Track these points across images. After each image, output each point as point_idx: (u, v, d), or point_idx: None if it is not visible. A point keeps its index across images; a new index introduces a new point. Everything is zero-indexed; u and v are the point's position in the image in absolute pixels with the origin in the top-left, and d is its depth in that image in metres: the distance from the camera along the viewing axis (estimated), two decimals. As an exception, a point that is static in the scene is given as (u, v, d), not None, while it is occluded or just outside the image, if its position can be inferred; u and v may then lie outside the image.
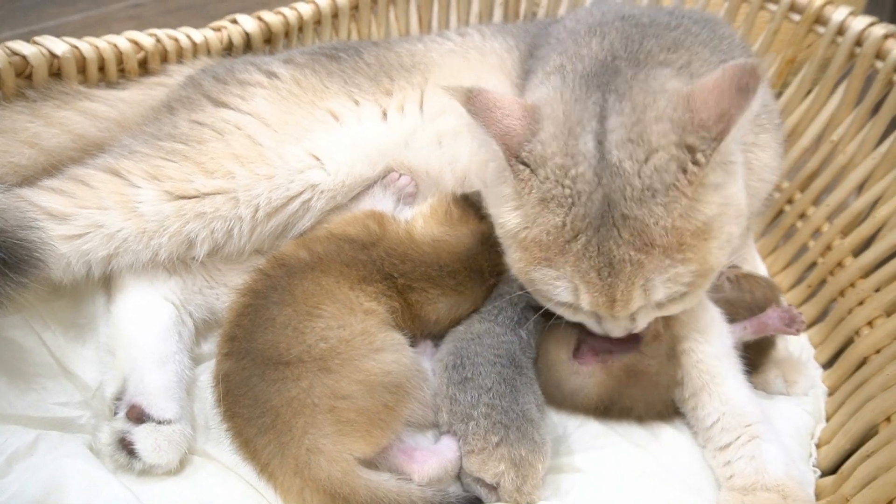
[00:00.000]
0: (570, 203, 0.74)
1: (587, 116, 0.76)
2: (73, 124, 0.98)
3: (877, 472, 0.79)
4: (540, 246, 0.76)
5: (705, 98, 0.73)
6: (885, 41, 1.11)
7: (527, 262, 0.79)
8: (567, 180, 0.74)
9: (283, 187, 0.92)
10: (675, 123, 0.74)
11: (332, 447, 0.74)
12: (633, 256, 0.73)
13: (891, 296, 0.99)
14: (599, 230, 0.73)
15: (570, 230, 0.74)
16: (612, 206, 0.73)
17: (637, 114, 0.75)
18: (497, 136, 0.76)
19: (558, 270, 0.76)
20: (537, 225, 0.76)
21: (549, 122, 0.77)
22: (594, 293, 0.76)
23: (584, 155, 0.74)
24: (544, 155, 0.75)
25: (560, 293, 0.78)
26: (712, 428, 0.87)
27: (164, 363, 0.85)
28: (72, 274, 0.85)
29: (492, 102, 0.77)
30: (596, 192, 0.73)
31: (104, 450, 0.78)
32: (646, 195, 0.73)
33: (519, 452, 0.78)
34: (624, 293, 0.75)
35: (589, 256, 0.74)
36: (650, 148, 0.73)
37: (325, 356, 0.78)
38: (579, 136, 0.75)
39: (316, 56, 1.04)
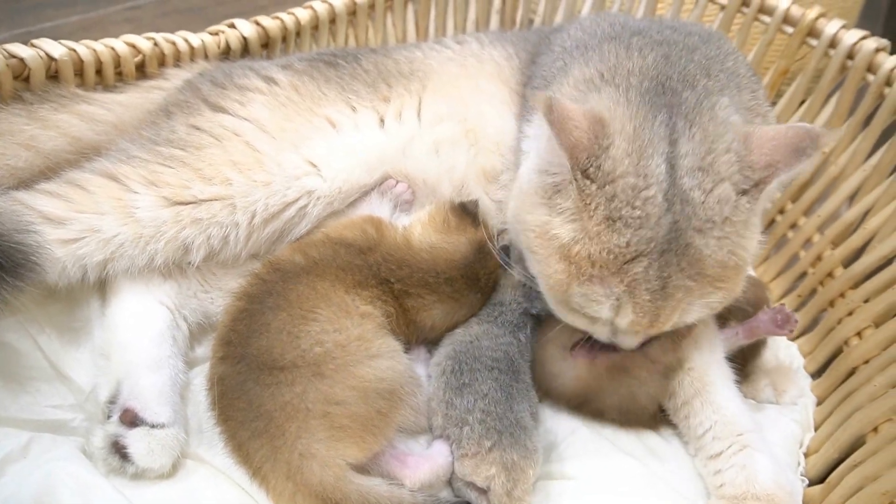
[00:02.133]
0: (639, 225, 0.73)
1: (658, 137, 0.76)
2: (70, 127, 0.98)
3: (864, 481, 0.80)
4: (593, 262, 0.75)
5: (762, 144, 0.76)
6: (876, 55, 1.12)
7: (571, 276, 0.77)
8: (638, 201, 0.73)
9: (280, 194, 0.92)
10: (739, 157, 0.76)
11: (325, 452, 0.75)
12: (686, 283, 0.75)
13: (880, 307, 0.99)
14: (663, 255, 0.74)
15: (632, 251, 0.74)
16: (678, 234, 0.74)
17: (709, 143, 0.76)
18: (568, 149, 0.74)
19: (607, 288, 0.75)
20: (597, 242, 0.74)
21: (621, 139, 0.75)
22: (639, 313, 0.76)
23: (656, 177, 0.74)
24: (614, 172, 0.74)
25: (602, 310, 0.77)
26: (704, 436, 0.88)
27: (158, 367, 0.85)
28: (67, 278, 0.85)
29: (565, 112, 0.75)
30: (665, 217, 0.73)
31: (97, 453, 0.79)
32: (706, 226, 0.74)
33: (511, 457, 0.79)
34: (667, 315, 0.77)
35: (647, 280, 0.74)
36: (718, 178, 0.75)
37: (319, 361, 0.78)
38: (651, 157, 0.75)
39: (314, 62, 1.04)
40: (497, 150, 1.05)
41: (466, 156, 1.03)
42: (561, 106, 0.74)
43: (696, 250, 0.74)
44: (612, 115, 0.77)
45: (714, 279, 0.76)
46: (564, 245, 0.77)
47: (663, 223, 0.73)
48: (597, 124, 0.75)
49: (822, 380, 1.03)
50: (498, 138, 1.04)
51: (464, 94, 1.06)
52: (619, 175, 0.74)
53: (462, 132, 1.03)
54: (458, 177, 1.03)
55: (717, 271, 0.75)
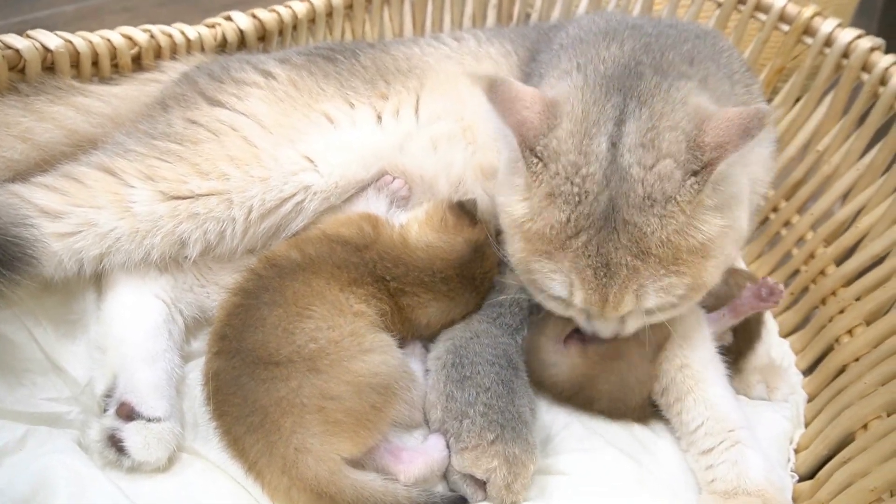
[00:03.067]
0: (577, 201, 0.76)
1: (605, 118, 0.78)
2: (66, 119, 0.98)
3: (852, 478, 0.80)
4: (542, 238, 0.78)
5: (717, 126, 0.75)
6: (870, 54, 1.13)
7: (528, 253, 0.80)
8: (577, 178, 0.76)
9: (277, 189, 0.92)
10: (687, 136, 0.76)
11: (320, 447, 0.75)
12: (629, 262, 0.75)
13: (871, 305, 1.00)
14: (601, 231, 0.75)
15: (572, 227, 0.76)
16: (615, 210, 0.75)
17: (654, 120, 0.77)
18: (514, 127, 0.77)
19: (556, 264, 0.78)
20: (542, 218, 0.77)
21: (567, 119, 0.78)
22: (588, 291, 0.78)
23: (596, 156, 0.76)
24: (558, 150, 0.77)
25: (555, 287, 0.80)
26: (696, 432, 0.89)
27: (154, 361, 0.85)
28: (63, 271, 0.85)
29: (513, 93, 0.78)
30: (603, 193, 0.75)
31: (93, 446, 0.79)
32: (646, 203, 0.74)
33: (513, 451, 0.80)
34: (616, 295, 0.77)
35: (587, 255, 0.76)
36: (659, 154, 0.75)
37: (314, 357, 0.79)
38: (594, 136, 0.77)
39: (312, 57, 1.04)
40: (495, 147, 1.04)
41: (464, 153, 1.03)
42: (508, 87, 0.78)
43: (635, 227, 0.75)
44: (567, 98, 0.80)
45: (665, 261, 0.75)
46: (520, 222, 0.80)
47: (601, 199, 0.75)
48: (549, 106, 0.78)
49: (813, 377, 1.04)
50: (495, 135, 1.05)
51: (461, 92, 1.06)
52: (562, 153, 0.77)
53: (459, 130, 1.03)
54: (456, 174, 1.03)
55: (667, 253, 0.75)
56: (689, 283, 0.77)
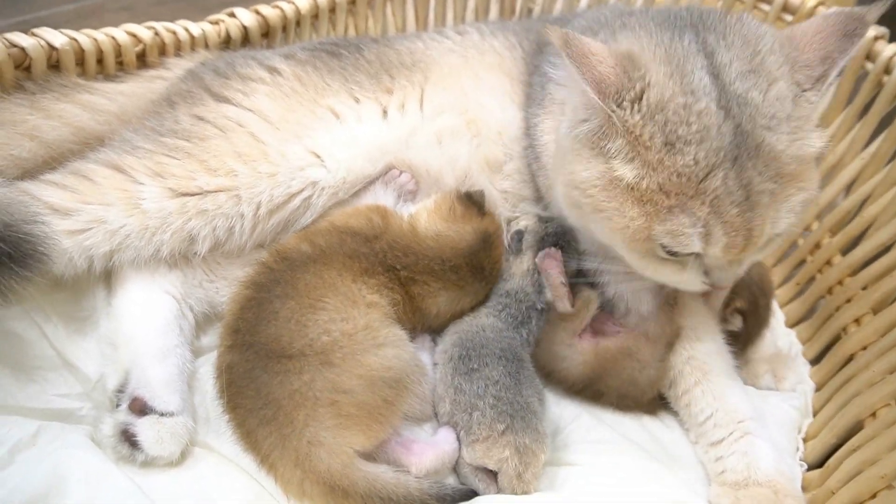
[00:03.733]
0: (700, 139, 0.72)
1: (691, 53, 0.76)
2: (73, 117, 0.98)
3: (861, 466, 0.81)
4: (667, 192, 0.73)
5: (809, 41, 0.76)
6: (875, 42, 1.13)
7: (649, 216, 0.74)
8: (693, 116, 0.72)
9: (285, 185, 0.92)
10: (787, 58, 0.76)
11: (333, 440, 0.75)
12: (769, 186, 0.73)
13: (877, 294, 1.01)
14: (736, 161, 0.72)
15: (703, 166, 0.72)
16: (745, 136, 0.72)
17: (752, 46, 0.76)
18: (594, 84, 0.72)
19: (692, 215, 0.73)
20: (663, 170, 0.72)
21: (656, 65, 0.74)
22: (731, 233, 0.73)
23: (703, 90, 0.73)
24: (662, 98, 0.73)
25: (691, 242, 0.74)
26: (705, 424, 0.89)
27: (165, 356, 0.85)
28: (73, 268, 0.85)
29: (587, 49, 0.73)
30: (725, 124, 0.72)
31: (106, 441, 0.79)
32: (773, 123, 0.74)
33: (523, 441, 0.80)
34: (759, 227, 0.74)
35: (729, 192, 0.72)
36: (771, 78, 0.75)
37: (327, 350, 0.79)
38: (692, 72, 0.74)
39: (317, 52, 1.04)
40: (500, 140, 1.05)
41: (469, 147, 1.03)
42: (581, 42, 0.73)
43: (769, 147, 0.73)
44: (640, 47, 0.77)
45: (794, 177, 0.74)
46: (631, 186, 0.74)
47: (725, 130, 0.72)
48: (625, 59, 0.74)
49: (821, 366, 1.04)
50: (500, 128, 1.05)
51: (465, 85, 1.06)
52: (668, 100, 0.73)
53: (464, 123, 1.03)
54: (461, 167, 1.03)
55: (795, 168, 0.74)
56: (806, 197, 0.76)
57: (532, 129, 1.01)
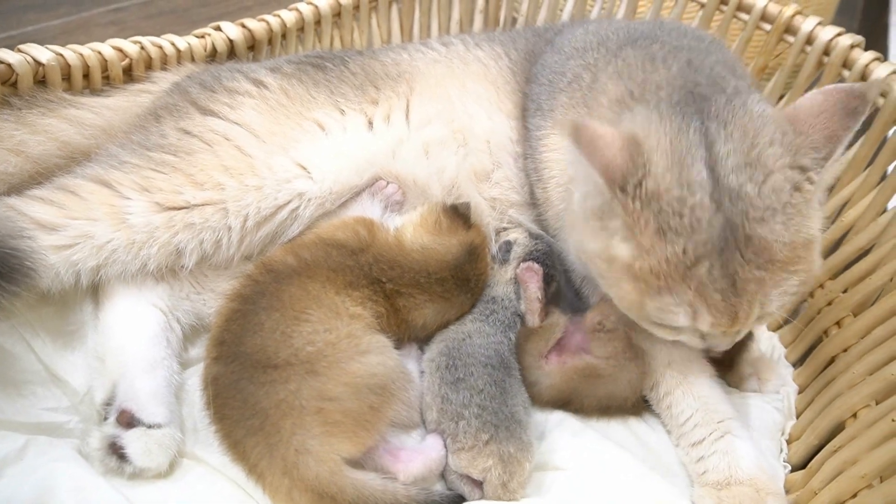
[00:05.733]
0: (690, 230, 0.74)
1: (693, 145, 0.77)
2: (59, 132, 0.98)
3: (843, 466, 0.82)
4: (657, 275, 0.76)
5: (812, 122, 0.77)
6: (851, 51, 1.15)
7: (640, 293, 0.78)
8: (686, 210, 0.75)
9: (272, 197, 0.93)
10: (787, 147, 0.77)
11: (320, 448, 0.76)
12: (756, 275, 0.75)
13: (857, 296, 1.02)
14: (723, 253, 0.74)
15: (691, 256, 0.74)
16: (734, 229, 0.74)
17: (749, 139, 0.77)
18: (601, 169, 0.75)
19: (678, 297, 0.76)
20: (654, 255, 0.75)
21: (658, 155, 0.76)
22: (716, 315, 0.76)
23: (699, 184, 0.75)
24: (658, 189, 0.75)
25: (678, 319, 0.78)
26: (685, 424, 0.90)
27: (153, 369, 0.86)
28: (60, 283, 0.85)
29: (596, 135, 0.75)
30: (715, 217, 0.74)
31: (94, 454, 0.79)
32: (766, 214, 0.75)
33: (508, 450, 0.81)
34: (745, 311, 0.76)
35: (713, 280, 0.75)
36: (767, 170, 0.76)
37: (311, 359, 0.80)
38: (691, 165, 0.76)
39: (302, 65, 1.05)
40: (487, 149, 1.06)
41: (456, 157, 1.04)
42: (589, 129, 0.75)
43: (759, 239, 0.75)
44: (646, 132, 0.78)
45: (786, 263, 0.76)
46: (626, 264, 0.77)
47: (715, 223, 0.74)
48: (631, 144, 0.76)
49: (804, 368, 1.05)
50: (487, 137, 1.06)
51: (451, 95, 1.07)
52: (664, 191, 0.75)
53: (450, 133, 1.05)
54: (449, 178, 1.04)
55: (787, 254, 0.76)
56: (803, 279, 0.78)
57: (534, 142, 1.01)
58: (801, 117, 0.78)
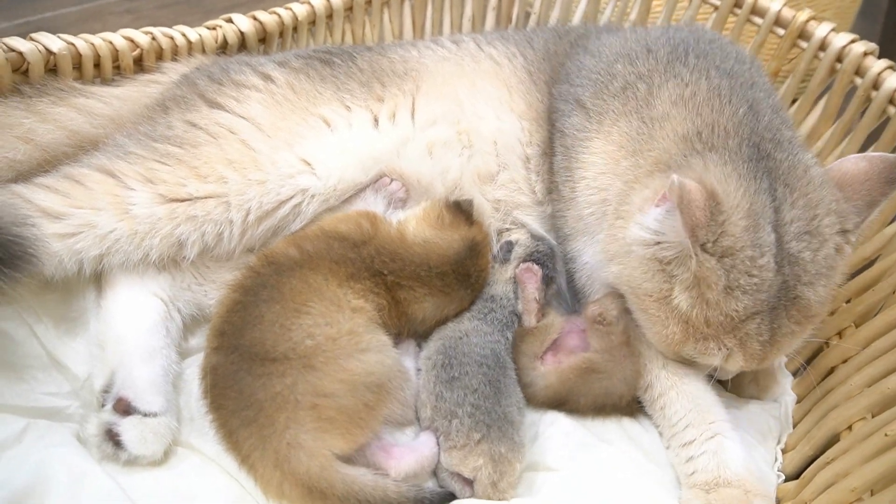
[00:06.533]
0: (755, 290, 0.79)
1: (764, 207, 0.82)
2: (68, 121, 1.00)
3: (835, 478, 0.82)
4: (709, 324, 0.81)
5: (857, 188, 0.86)
6: (864, 58, 1.14)
7: (686, 335, 0.83)
8: (755, 270, 0.79)
9: (275, 192, 0.93)
10: (839, 215, 0.84)
11: (312, 443, 0.76)
12: (793, 329, 0.83)
13: (860, 307, 1.01)
14: (773, 311, 0.81)
15: (746, 313, 0.80)
16: (787, 291, 0.81)
17: (812, 209, 0.83)
18: (689, 229, 0.77)
19: (721, 345, 0.82)
20: (715, 308, 0.80)
21: (737, 216, 0.80)
22: (749, 360, 0.83)
23: (768, 246, 0.80)
24: (733, 247, 0.79)
25: (713, 360, 0.84)
26: (677, 425, 0.91)
27: (151, 358, 0.87)
28: (63, 270, 0.87)
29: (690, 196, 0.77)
30: (776, 278, 0.80)
31: (91, 440, 0.80)
32: (815, 279, 0.82)
33: (499, 450, 0.81)
34: (772, 357, 0.85)
35: (759, 333, 0.81)
36: (822, 239, 0.82)
37: (310, 354, 0.80)
38: (762, 227, 0.80)
39: (310, 60, 1.05)
40: (493, 150, 1.06)
41: (460, 159, 1.04)
42: (687, 189, 0.77)
43: (805, 301, 0.82)
44: (725, 188, 0.81)
45: (815, 318, 0.84)
46: (682, 311, 0.82)
47: (774, 284, 0.80)
48: (711, 201, 0.79)
49: (803, 378, 1.04)
50: (495, 138, 1.06)
51: (459, 95, 1.07)
52: (739, 249, 0.79)
53: (455, 134, 1.04)
54: (452, 179, 1.04)
55: (820, 311, 0.84)
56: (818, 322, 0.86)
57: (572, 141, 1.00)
58: (847, 183, 0.85)
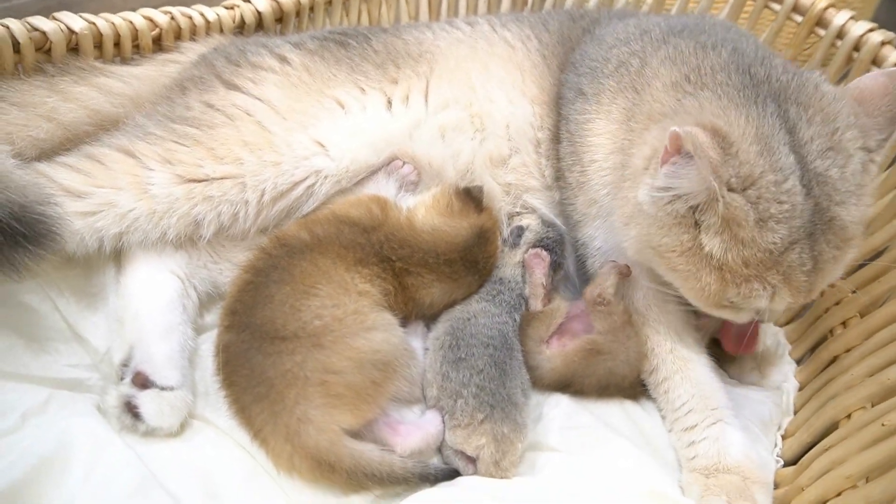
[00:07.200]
0: (788, 217, 0.77)
1: (775, 129, 0.79)
2: (89, 100, 1.02)
3: (831, 465, 0.83)
4: (747, 264, 0.78)
5: (878, 104, 0.82)
6: (882, 48, 1.13)
7: (725, 283, 0.80)
8: (783, 195, 0.76)
9: (289, 174, 0.95)
10: (860, 129, 0.81)
11: (321, 418, 0.79)
12: (834, 254, 0.80)
13: (866, 297, 1.02)
14: (811, 236, 0.78)
15: (786, 243, 0.77)
16: (821, 213, 0.78)
17: (831, 124, 0.81)
18: (713, 172, 0.74)
19: (765, 283, 0.79)
20: (752, 246, 0.77)
21: (746, 143, 0.78)
22: (796, 294, 0.80)
23: (789, 168, 0.77)
24: (752, 174, 0.76)
25: (759, 302, 0.80)
26: (680, 409, 0.93)
27: (168, 334, 0.89)
28: (85, 247, 0.89)
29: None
30: (806, 201, 0.77)
31: (111, 411, 0.83)
32: (846, 197, 0.80)
33: (501, 430, 0.84)
34: (819, 286, 0.82)
35: (801, 263, 0.78)
36: (847, 154, 0.80)
37: (318, 333, 0.83)
38: (777, 149, 0.78)
39: (325, 42, 1.06)
40: (506, 134, 1.06)
41: (472, 143, 1.05)
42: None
43: (840, 221, 0.79)
44: (726, 121, 0.79)
45: (853, 240, 0.81)
46: (716, 257, 0.79)
47: (806, 209, 0.77)
48: (717, 137, 0.76)
49: (806, 366, 1.06)
50: (507, 122, 1.06)
51: (472, 78, 1.07)
52: (759, 176, 0.76)
53: (468, 118, 1.05)
54: (463, 163, 1.05)
55: (857, 232, 0.81)
56: (858, 249, 0.83)
57: (575, 126, 1.00)
58: (867, 99, 0.82)
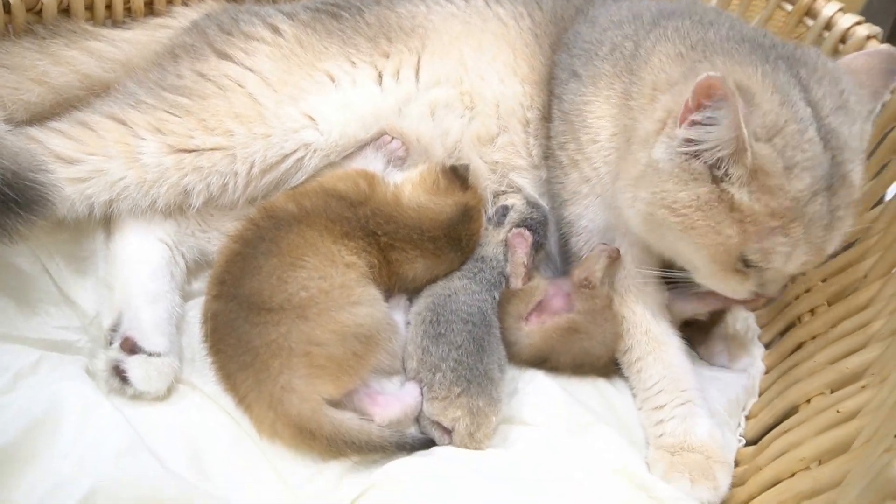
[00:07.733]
0: (812, 164, 0.78)
1: (790, 85, 0.82)
2: (80, 64, 1.02)
3: (788, 447, 0.88)
4: (775, 215, 0.78)
5: (864, 79, 0.88)
6: (867, 42, 1.13)
7: (748, 235, 0.80)
8: (805, 143, 0.78)
9: (279, 146, 0.96)
10: (858, 96, 0.86)
11: (304, 387, 0.82)
12: (843, 214, 0.82)
13: (835, 287, 1.05)
14: (828, 190, 0.80)
15: (810, 192, 0.78)
16: (838, 167, 0.80)
17: (840, 85, 0.85)
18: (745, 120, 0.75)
19: (787, 236, 0.79)
20: (780, 194, 0.77)
21: (768, 94, 0.79)
22: (811, 252, 0.81)
23: (808, 120, 0.80)
24: (777, 123, 0.78)
25: (778, 259, 0.81)
26: (651, 388, 0.96)
27: (156, 300, 0.91)
28: (75, 213, 0.90)
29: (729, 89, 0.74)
30: (825, 154, 0.80)
31: (99, 374, 0.86)
32: (854, 156, 0.83)
33: (477, 403, 0.87)
34: (829, 247, 0.83)
35: (821, 216, 0.80)
36: (853, 115, 0.83)
37: (304, 305, 0.85)
38: (795, 102, 0.81)
39: (318, 14, 1.06)
40: (495, 113, 1.07)
41: (461, 121, 1.06)
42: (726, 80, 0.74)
43: (850, 179, 0.82)
44: (746, 75, 0.81)
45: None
46: (740, 208, 0.79)
47: (825, 161, 0.80)
48: (740, 90, 0.77)
49: (773, 350, 1.10)
50: (497, 101, 1.07)
51: (464, 55, 1.07)
52: (784, 124, 0.78)
53: (457, 95, 1.06)
54: (452, 141, 1.06)
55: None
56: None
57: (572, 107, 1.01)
58: (855, 72, 0.86)
